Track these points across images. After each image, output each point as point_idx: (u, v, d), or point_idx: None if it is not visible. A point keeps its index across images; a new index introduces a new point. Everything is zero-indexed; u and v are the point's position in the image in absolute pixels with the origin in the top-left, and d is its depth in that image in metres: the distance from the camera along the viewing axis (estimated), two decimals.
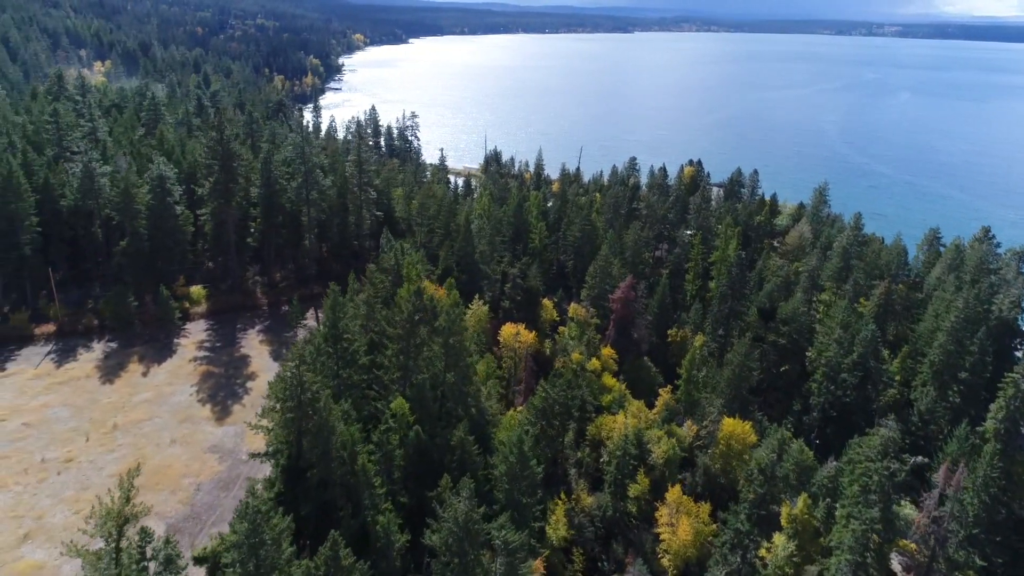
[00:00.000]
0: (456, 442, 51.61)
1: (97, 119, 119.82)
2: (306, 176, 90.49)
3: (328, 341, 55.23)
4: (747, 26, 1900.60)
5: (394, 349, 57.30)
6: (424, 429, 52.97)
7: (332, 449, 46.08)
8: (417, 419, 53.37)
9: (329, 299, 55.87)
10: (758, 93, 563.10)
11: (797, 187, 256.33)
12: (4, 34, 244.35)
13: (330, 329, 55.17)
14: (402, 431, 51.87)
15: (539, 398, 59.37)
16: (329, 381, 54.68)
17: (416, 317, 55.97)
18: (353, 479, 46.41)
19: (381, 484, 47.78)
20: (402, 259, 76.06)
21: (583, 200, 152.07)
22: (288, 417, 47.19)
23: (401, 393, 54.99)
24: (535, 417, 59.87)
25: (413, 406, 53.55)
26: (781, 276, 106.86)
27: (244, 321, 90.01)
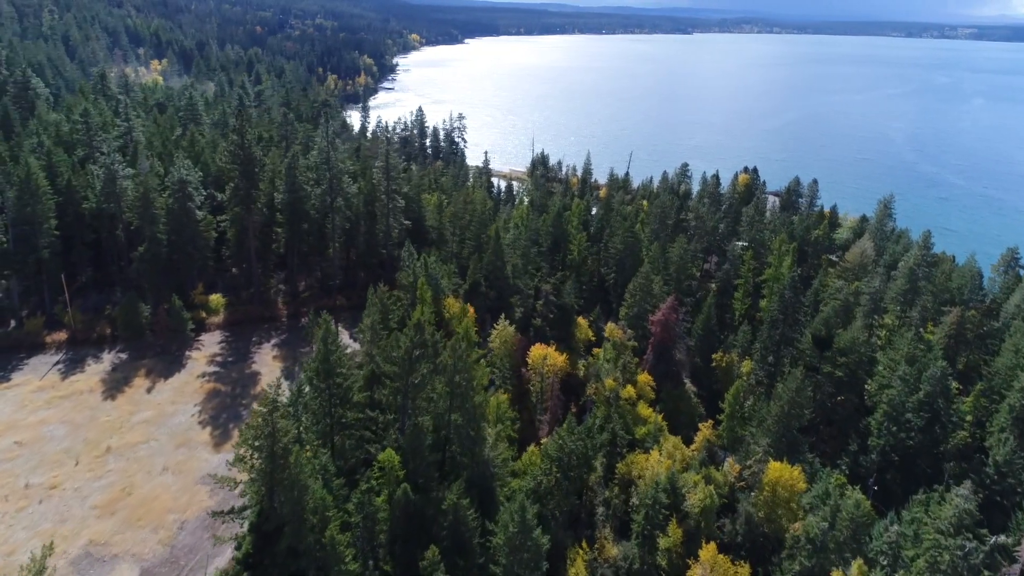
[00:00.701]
0: (449, 506, 45.84)
1: (134, 119, 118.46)
2: (331, 182, 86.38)
3: (319, 376, 50.27)
4: (812, 27, 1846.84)
5: (391, 388, 51.93)
6: (418, 484, 47.39)
7: (304, 511, 40.96)
8: (410, 472, 47.81)
9: (320, 329, 50.87)
10: (821, 97, 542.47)
11: (859, 198, 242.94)
12: (65, 32, 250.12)
13: (321, 363, 50.16)
14: (390, 487, 46.41)
15: (554, 445, 53.30)
16: (320, 419, 49.82)
17: (415, 353, 50.54)
18: (321, 553, 41.18)
19: (354, 558, 42.35)
20: (420, 275, 70.94)
21: (628, 209, 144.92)
22: (259, 469, 42.45)
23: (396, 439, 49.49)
24: (550, 466, 53.75)
25: (406, 456, 48.08)
26: (840, 300, 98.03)
27: (261, 333, 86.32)
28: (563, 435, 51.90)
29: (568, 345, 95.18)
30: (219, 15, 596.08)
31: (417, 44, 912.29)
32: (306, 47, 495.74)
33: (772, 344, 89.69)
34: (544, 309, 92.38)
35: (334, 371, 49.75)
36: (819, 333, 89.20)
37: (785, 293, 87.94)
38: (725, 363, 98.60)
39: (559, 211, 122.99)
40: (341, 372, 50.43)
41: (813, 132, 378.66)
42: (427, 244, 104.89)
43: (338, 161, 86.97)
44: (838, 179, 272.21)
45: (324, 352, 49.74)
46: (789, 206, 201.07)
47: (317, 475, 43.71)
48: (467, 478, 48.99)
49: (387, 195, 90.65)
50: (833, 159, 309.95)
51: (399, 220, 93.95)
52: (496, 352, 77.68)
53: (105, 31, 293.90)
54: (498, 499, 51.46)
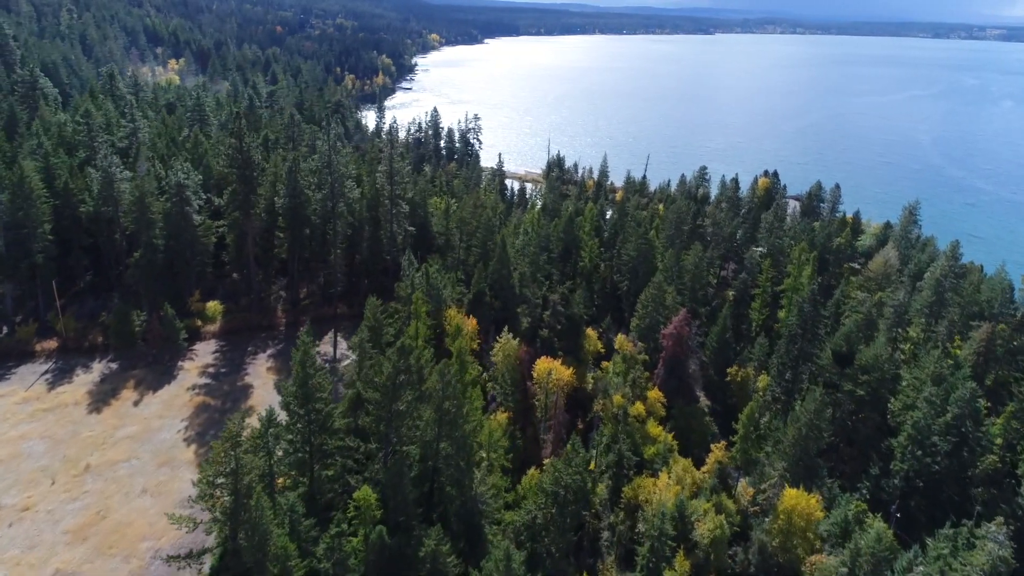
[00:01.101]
0: (427, 553, 42.47)
1: (139, 119, 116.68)
2: (332, 187, 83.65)
3: (296, 401, 47.12)
4: (836, 28, 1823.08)
5: (373, 415, 48.61)
6: (399, 523, 44.14)
7: (267, 558, 37.84)
8: (390, 510, 44.56)
9: (298, 351, 47.69)
10: (844, 99, 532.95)
11: (883, 203, 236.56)
12: (83, 32, 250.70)
13: (299, 387, 47.07)
14: (365, 528, 43.21)
15: (550, 478, 49.78)
16: (298, 448, 46.64)
17: (399, 379, 47.27)
18: None
19: None
20: (420, 286, 67.84)
21: (642, 215, 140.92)
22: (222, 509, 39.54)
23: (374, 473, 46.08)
24: (544, 500, 50.19)
25: (386, 492, 44.87)
26: (862, 313, 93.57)
27: (257, 343, 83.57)
28: (559, 467, 48.44)
29: (576, 357, 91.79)
30: (240, 15, 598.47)
31: (437, 44, 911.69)
32: (324, 47, 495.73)
33: (790, 359, 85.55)
34: (551, 320, 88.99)
35: (313, 396, 46.63)
36: (840, 349, 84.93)
37: (804, 306, 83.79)
38: (740, 378, 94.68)
39: (570, 216, 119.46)
40: (321, 397, 47.31)
41: (836, 135, 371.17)
42: (433, 250, 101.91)
43: (340, 165, 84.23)
44: (861, 183, 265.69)
45: (302, 376, 46.65)
46: (810, 212, 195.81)
47: (285, 516, 40.61)
48: (454, 513, 45.69)
49: (391, 200, 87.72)
50: (856, 162, 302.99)
51: (403, 226, 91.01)
52: (499, 366, 74.42)
53: (124, 30, 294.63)
54: (486, 537, 48.01)
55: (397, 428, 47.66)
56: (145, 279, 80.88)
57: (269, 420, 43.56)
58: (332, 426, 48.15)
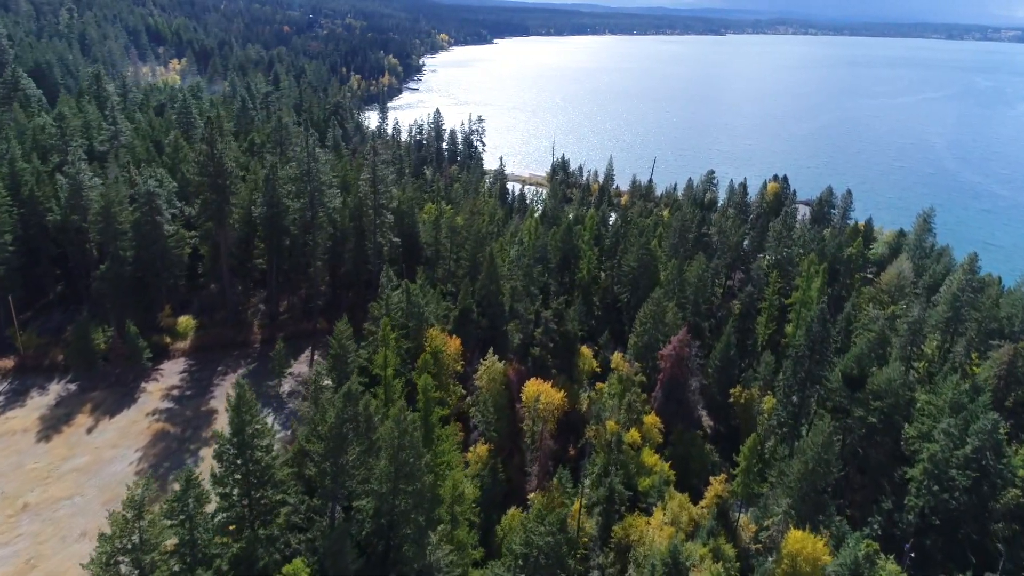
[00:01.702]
0: None
1: (121, 122, 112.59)
2: (311, 196, 79.07)
3: (234, 447, 42.12)
4: (848, 29, 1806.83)
5: (318, 469, 43.35)
6: None
7: None
8: None
9: (234, 397, 42.32)
10: (856, 101, 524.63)
11: (897, 209, 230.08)
12: (82, 32, 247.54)
13: (235, 435, 42.03)
14: None
15: (520, 539, 44.54)
16: (234, 504, 41.64)
17: (345, 428, 42.19)
18: None
19: None
20: (397, 304, 63.04)
21: (646, 222, 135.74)
22: None
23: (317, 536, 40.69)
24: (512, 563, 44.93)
25: (325, 564, 39.75)
26: (874, 332, 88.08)
27: (230, 361, 78.72)
28: (531, 526, 43.24)
29: (570, 376, 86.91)
30: (248, 14, 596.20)
31: (445, 44, 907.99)
32: (330, 47, 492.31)
33: (797, 382, 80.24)
34: (543, 337, 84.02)
35: (250, 445, 41.59)
36: (850, 371, 79.56)
37: (812, 326, 78.43)
38: (744, 399, 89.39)
39: (569, 225, 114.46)
40: (261, 445, 42.28)
41: (848, 137, 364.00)
42: (421, 262, 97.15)
43: (320, 173, 79.64)
44: (874, 188, 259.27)
45: (237, 423, 41.66)
46: (821, 218, 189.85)
47: None
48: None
49: (374, 210, 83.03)
50: (868, 166, 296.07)
51: (388, 237, 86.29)
52: (482, 391, 69.57)
53: (125, 30, 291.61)
54: None
55: (344, 483, 42.63)
56: (112, 293, 76.36)
57: (188, 482, 38.54)
58: (274, 478, 43.11)
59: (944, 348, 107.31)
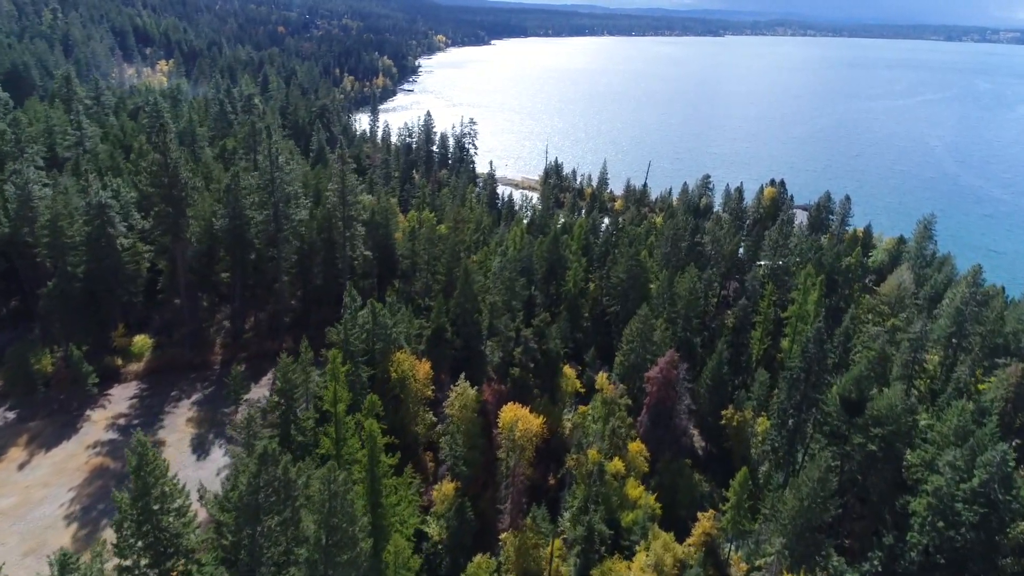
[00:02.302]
0: None
1: (88, 127, 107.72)
2: (275, 209, 74.29)
3: (137, 512, 37.02)
4: (847, 30, 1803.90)
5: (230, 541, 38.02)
6: None
7: None
8: None
9: (134, 453, 37.10)
10: (855, 103, 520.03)
11: (897, 214, 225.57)
12: (66, 32, 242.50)
13: (138, 498, 36.83)
14: None
15: None
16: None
17: (260, 497, 37.01)
18: None
19: None
20: (360, 326, 58.10)
21: (637, 230, 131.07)
22: None
23: None
24: None
25: None
26: (874, 351, 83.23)
27: (185, 385, 73.49)
28: None
29: (553, 396, 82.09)
30: (243, 15, 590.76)
31: (442, 45, 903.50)
32: (323, 48, 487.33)
33: (792, 405, 75.41)
34: (523, 357, 79.17)
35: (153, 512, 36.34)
36: (848, 394, 74.60)
37: (808, 347, 73.60)
38: (736, 421, 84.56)
39: (555, 235, 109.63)
40: (171, 509, 37.24)
41: (846, 140, 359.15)
42: (397, 276, 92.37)
43: (284, 183, 74.83)
44: (873, 192, 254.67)
45: (141, 487, 36.51)
46: (819, 225, 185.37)
47: None
48: None
49: (343, 221, 78.27)
50: (867, 170, 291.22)
51: (359, 250, 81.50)
52: (454, 420, 64.65)
53: (112, 30, 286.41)
54: None
55: (262, 556, 37.58)
56: (60, 311, 71.44)
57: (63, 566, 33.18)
58: (183, 547, 38.00)
59: (947, 364, 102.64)
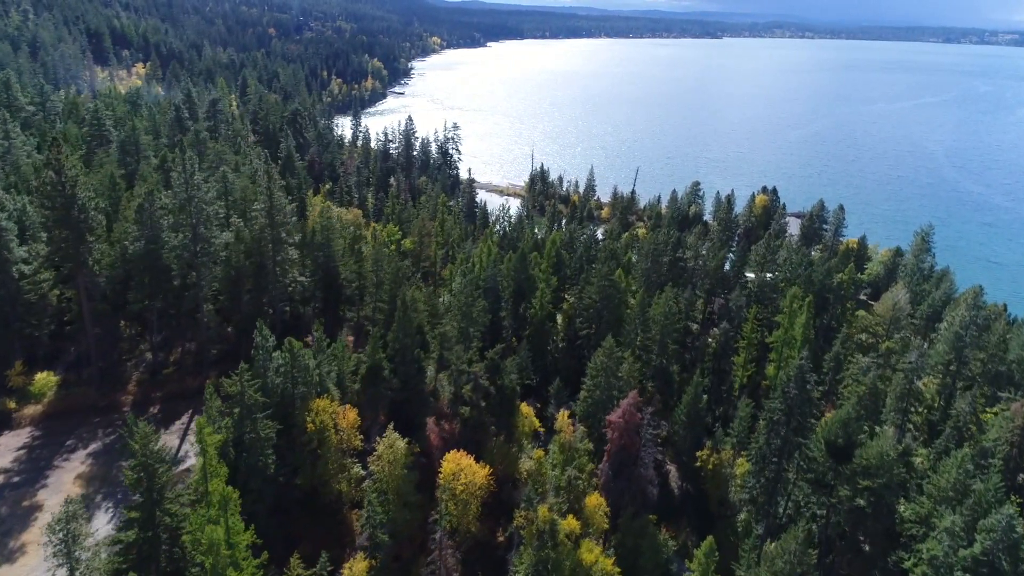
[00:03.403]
0: None
1: (15, 137, 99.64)
2: (194, 231, 66.32)
3: None
4: (845, 32, 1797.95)
5: None
6: None
7: None
8: None
9: None
10: (852, 106, 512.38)
11: (893, 222, 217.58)
12: (34, 34, 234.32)
13: None
14: None
15: None
16: None
17: None
18: None
19: None
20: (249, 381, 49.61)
21: (615, 245, 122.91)
22: None
23: None
24: None
25: None
26: (864, 386, 75.06)
27: (86, 432, 64.75)
28: None
29: (510, 437, 74.02)
30: (233, 16, 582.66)
31: (437, 47, 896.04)
32: (310, 50, 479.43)
33: (771, 452, 67.29)
34: (474, 395, 71.07)
35: None
36: (834, 439, 66.56)
37: (789, 388, 65.48)
38: (712, 464, 76.46)
39: (523, 252, 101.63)
40: None
41: (842, 144, 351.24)
42: (342, 303, 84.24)
43: (203, 203, 66.81)
44: (869, 200, 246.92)
45: None
46: (811, 235, 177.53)
47: None
48: None
49: (273, 244, 70.28)
50: (864, 175, 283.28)
51: (292, 275, 73.51)
52: (379, 477, 56.47)
53: (87, 33, 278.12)
54: None
55: None
56: None
57: None
58: None
59: (945, 392, 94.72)
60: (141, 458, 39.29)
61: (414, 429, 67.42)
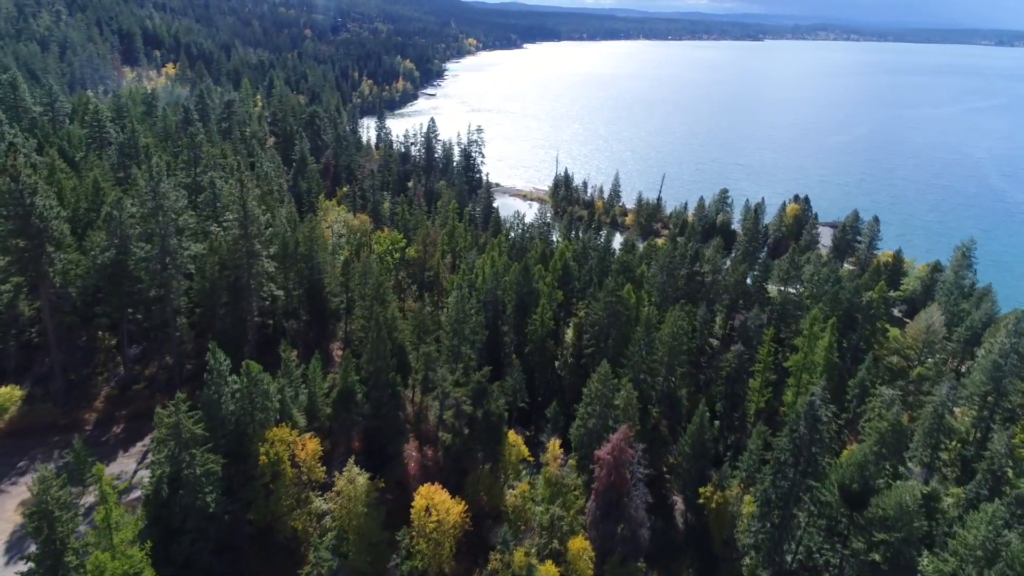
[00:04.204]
0: None
1: (11, 137, 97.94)
2: (163, 242, 62.74)
3: None
4: (892, 35, 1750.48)
5: None
6: None
7: None
8: None
9: None
10: (895, 111, 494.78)
11: (935, 234, 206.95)
12: (64, 35, 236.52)
13: None
14: None
15: None
16: None
17: None
18: None
19: None
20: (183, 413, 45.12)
21: (628, 257, 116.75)
22: None
23: None
24: None
25: None
26: (887, 423, 68.12)
27: (42, 452, 60.51)
28: None
29: (496, 468, 69.02)
30: (271, 18, 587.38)
31: (472, 48, 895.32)
32: (341, 51, 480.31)
33: (778, 496, 61.02)
34: (456, 423, 66.18)
35: None
36: (849, 484, 60.09)
37: (799, 427, 59.19)
38: (716, 503, 70.27)
39: (525, 265, 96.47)
40: None
41: (884, 151, 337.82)
42: (328, 318, 80.00)
43: (172, 212, 63.12)
44: (910, 210, 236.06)
45: None
46: (844, 247, 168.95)
47: None
48: None
49: (247, 257, 66.32)
50: (905, 184, 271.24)
51: (268, 288, 69.49)
52: (336, 516, 51.85)
53: (120, 33, 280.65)
54: None
55: None
56: None
57: None
58: None
59: (982, 426, 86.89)
60: (41, 505, 35.12)
61: (389, 458, 62.76)
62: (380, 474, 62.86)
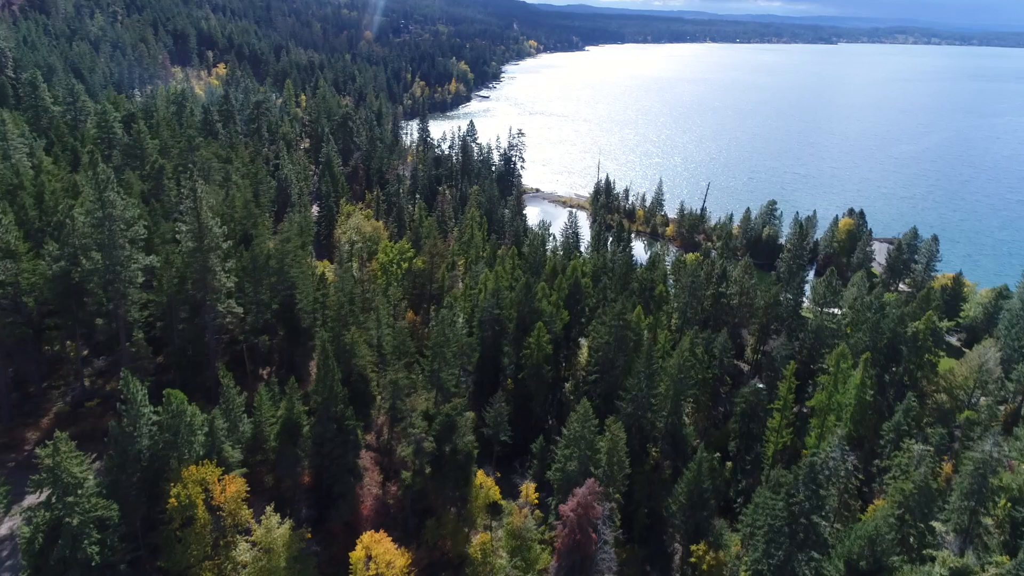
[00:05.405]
0: None
1: (13, 138, 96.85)
2: (110, 252, 58.89)
3: None
4: (976, 39, 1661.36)
5: None
6: None
7: None
8: None
9: None
10: (973, 119, 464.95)
11: (1004, 255, 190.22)
12: (118, 36, 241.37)
13: None
14: None
15: None
16: None
17: None
18: None
19: None
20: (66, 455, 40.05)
21: (650, 274, 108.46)
22: None
23: None
24: None
25: None
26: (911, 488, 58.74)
27: None
28: None
29: (461, 512, 62.70)
30: (333, 19, 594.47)
31: (532, 50, 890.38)
32: (395, 52, 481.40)
33: (772, 570, 52.78)
34: (416, 461, 60.14)
35: None
36: (856, 562, 51.42)
37: (797, 490, 50.89)
38: (708, 564, 62.20)
39: (527, 283, 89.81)
40: None
41: (956, 162, 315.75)
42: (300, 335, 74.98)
43: (120, 223, 59.15)
44: (979, 227, 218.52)
45: None
46: (898, 267, 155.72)
47: None
48: None
49: (202, 272, 61.91)
50: (977, 199, 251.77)
51: (227, 305, 64.93)
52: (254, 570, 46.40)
53: (173, 34, 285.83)
54: None
55: None
56: None
57: None
58: None
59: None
60: None
61: (335, 499, 57.13)
62: (327, 516, 57.44)
